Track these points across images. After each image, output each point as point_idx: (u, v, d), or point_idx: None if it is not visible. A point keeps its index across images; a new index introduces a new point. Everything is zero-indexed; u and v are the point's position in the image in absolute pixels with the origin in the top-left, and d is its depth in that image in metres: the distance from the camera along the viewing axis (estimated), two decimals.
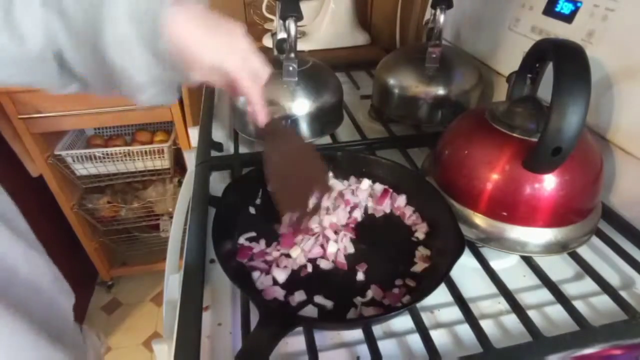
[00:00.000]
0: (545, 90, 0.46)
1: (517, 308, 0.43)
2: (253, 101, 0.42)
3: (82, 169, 1.34)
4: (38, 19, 0.31)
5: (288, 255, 0.49)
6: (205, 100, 0.86)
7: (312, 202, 0.48)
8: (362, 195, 0.57)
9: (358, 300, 0.44)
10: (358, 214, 0.55)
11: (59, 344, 0.44)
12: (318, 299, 0.44)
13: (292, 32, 0.60)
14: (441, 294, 0.44)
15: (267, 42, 1.20)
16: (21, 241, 0.42)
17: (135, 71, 0.34)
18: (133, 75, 0.34)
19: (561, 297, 0.45)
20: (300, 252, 0.48)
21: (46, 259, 0.47)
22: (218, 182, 0.63)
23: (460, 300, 0.44)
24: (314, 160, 0.50)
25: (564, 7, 0.62)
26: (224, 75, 0.38)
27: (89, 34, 0.32)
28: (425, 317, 0.43)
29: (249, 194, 0.56)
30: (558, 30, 0.62)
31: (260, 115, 0.43)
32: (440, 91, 0.73)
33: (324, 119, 0.70)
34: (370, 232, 0.53)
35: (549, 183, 0.46)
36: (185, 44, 0.34)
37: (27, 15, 0.31)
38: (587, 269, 0.48)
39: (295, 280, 0.46)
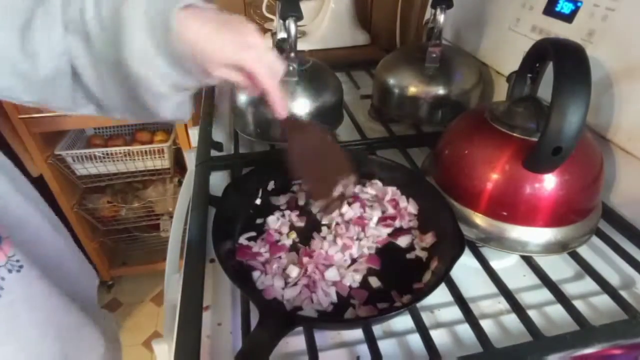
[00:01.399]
0: (545, 90, 0.46)
1: (517, 308, 0.43)
2: (272, 95, 0.42)
3: (82, 169, 1.34)
4: (59, 44, 0.34)
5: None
6: (205, 100, 0.86)
7: (337, 190, 0.49)
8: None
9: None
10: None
11: (87, 314, 0.46)
12: None
13: (292, 32, 0.60)
14: (441, 293, 0.44)
15: (267, 42, 1.20)
16: (46, 221, 0.45)
17: (155, 80, 0.36)
18: (153, 85, 0.36)
19: (561, 297, 0.45)
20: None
21: (70, 241, 0.50)
22: (218, 182, 0.63)
23: (460, 300, 0.44)
24: (335, 150, 0.51)
25: (564, 7, 0.62)
26: (240, 71, 0.39)
27: (110, 52, 0.34)
28: (425, 317, 0.43)
29: (249, 194, 0.56)
30: (558, 30, 0.62)
31: (280, 108, 0.44)
32: (440, 91, 0.73)
33: (324, 119, 0.70)
34: None
35: (549, 183, 0.46)
36: (199, 44, 0.35)
37: (47, 40, 0.34)
38: (587, 269, 0.48)
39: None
